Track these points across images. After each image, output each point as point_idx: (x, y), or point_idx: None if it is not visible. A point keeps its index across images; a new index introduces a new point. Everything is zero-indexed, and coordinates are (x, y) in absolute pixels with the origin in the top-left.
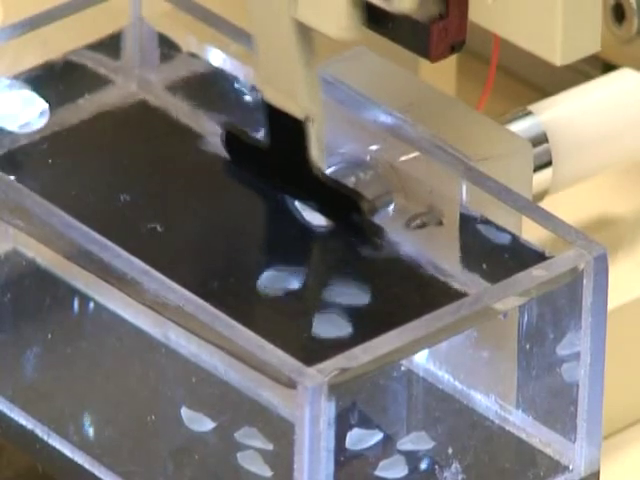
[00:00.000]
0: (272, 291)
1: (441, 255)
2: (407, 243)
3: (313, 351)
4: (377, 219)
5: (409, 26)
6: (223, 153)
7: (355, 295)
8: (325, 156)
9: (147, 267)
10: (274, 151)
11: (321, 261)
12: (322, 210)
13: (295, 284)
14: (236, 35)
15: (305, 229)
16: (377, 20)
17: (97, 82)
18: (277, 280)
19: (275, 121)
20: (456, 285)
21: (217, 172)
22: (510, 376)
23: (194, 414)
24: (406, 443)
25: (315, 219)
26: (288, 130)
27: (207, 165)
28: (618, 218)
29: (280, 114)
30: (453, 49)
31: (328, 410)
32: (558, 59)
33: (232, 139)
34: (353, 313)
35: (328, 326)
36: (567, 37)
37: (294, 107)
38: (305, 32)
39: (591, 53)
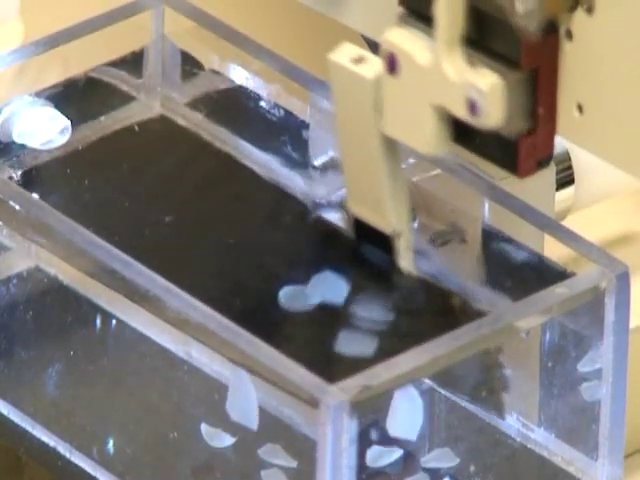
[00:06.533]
0: (294, 308)
1: (463, 273)
2: (429, 260)
3: (335, 368)
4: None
5: (496, 141)
6: (244, 171)
7: (377, 312)
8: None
9: (169, 284)
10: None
11: (343, 278)
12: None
13: (317, 301)
14: (258, 53)
15: (328, 245)
16: (464, 135)
17: (119, 99)
18: (299, 297)
19: (363, 234)
20: (478, 303)
21: (239, 188)
22: (532, 394)
23: (216, 431)
24: (430, 461)
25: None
26: (376, 243)
27: (229, 182)
28: None
29: (367, 228)
30: (540, 164)
31: (350, 428)
32: None
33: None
34: (375, 330)
35: (350, 343)
36: None
37: (381, 222)
38: (392, 146)
39: None
